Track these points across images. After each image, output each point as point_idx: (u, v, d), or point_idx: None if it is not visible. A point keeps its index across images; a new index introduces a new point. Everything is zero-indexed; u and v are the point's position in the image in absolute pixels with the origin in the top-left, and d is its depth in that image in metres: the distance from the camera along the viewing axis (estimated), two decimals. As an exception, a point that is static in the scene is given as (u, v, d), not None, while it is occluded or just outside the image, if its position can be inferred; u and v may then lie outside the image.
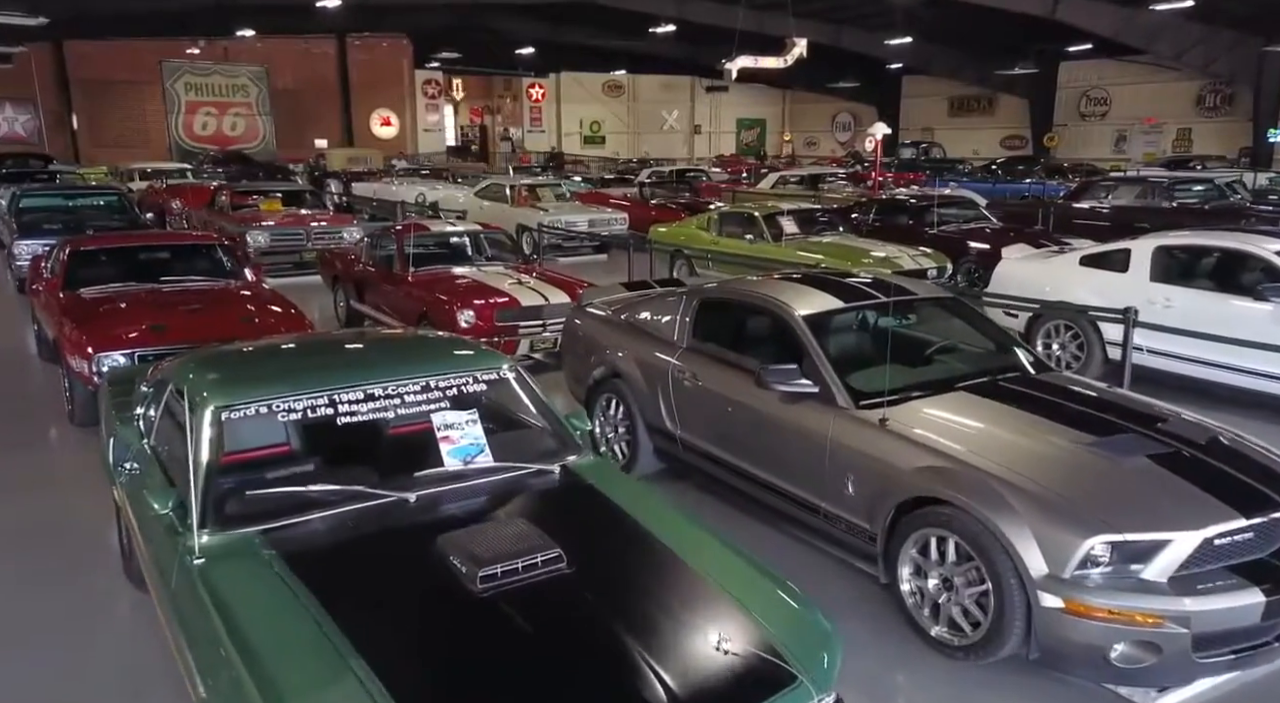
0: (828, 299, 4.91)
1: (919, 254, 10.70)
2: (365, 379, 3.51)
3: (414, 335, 4.49)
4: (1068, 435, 3.90)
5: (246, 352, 4.01)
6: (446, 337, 4.36)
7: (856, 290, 5.08)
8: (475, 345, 4.14)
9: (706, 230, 12.52)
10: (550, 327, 8.27)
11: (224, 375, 3.51)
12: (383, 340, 4.22)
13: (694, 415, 5.18)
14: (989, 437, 3.95)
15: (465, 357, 3.90)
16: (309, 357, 3.87)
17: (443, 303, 8.10)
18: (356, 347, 4.06)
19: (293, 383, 3.41)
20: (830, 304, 4.87)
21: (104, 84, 31.15)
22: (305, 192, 16.07)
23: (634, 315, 5.89)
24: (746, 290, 5.17)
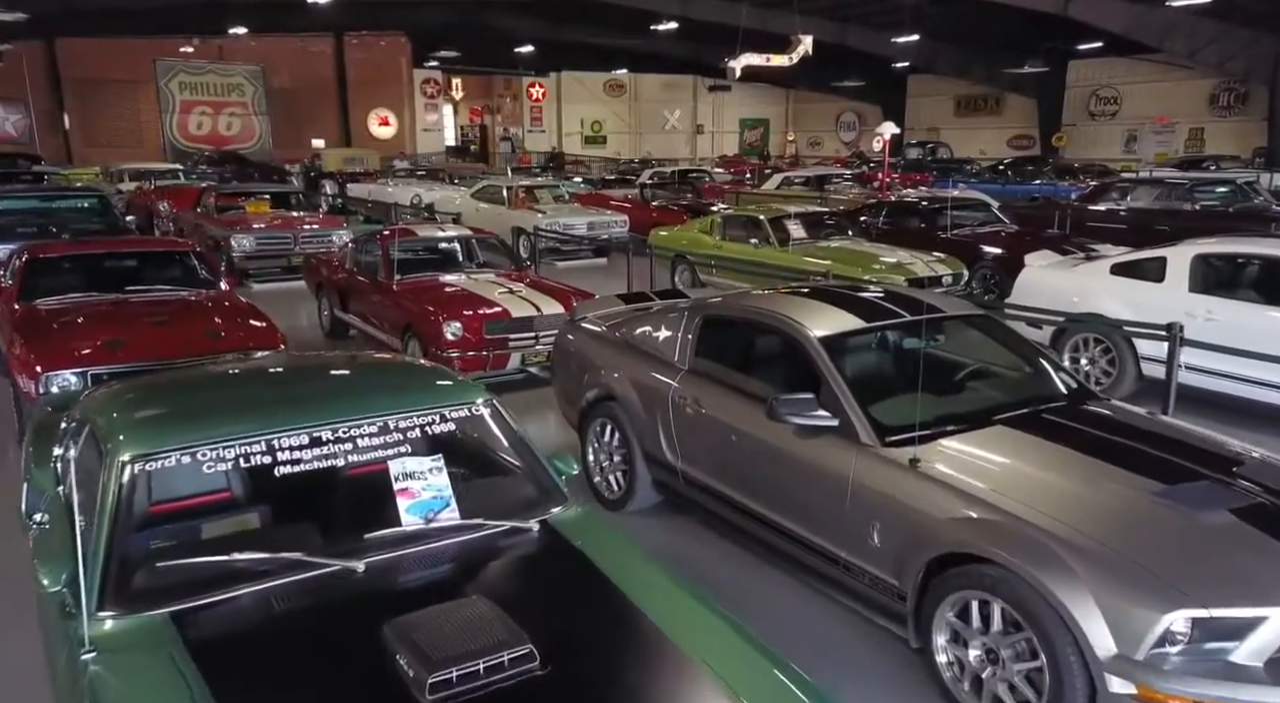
0: (846, 318, 4.38)
1: (933, 260, 10.16)
2: (311, 419, 2.99)
3: (374, 361, 3.94)
4: (1131, 482, 3.37)
5: (177, 383, 3.49)
6: (412, 363, 3.82)
7: (877, 307, 4.55)
8: (445, 374, 3.62)
9: (709, 234, 12.00)
10: (543, 339, 7.75)
11: (143, 416, 2.99)
12: (336, 368, 3.68)
13: (697, 446, 4.65)
14: (1038, 483, 3.42)
15: (432, 389, 3.37)
16: (248, 390, 3.33)
17: (428, 313, 7.59)
18: (305, 378, 3.51)
19: (225, 425, 2.89)
20: (849, 324, 4.34)
21: (97, 83, 30.65)
22: (295, 193, 15.53)
23: (631, 332, 5.36)
24: (755, 307, 4.64)
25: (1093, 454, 3.56)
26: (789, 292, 5.19)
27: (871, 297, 4.77)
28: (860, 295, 4.80)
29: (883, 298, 4.74)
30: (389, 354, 4.25)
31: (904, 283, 9.66)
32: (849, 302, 4.62)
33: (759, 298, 4.96)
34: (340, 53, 35.37)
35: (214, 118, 33.01)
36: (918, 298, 4.73)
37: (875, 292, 5.02)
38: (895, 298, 4.72)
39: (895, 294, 4.88)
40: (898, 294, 4.89)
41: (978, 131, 36.62)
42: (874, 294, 4.87)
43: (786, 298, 4.80)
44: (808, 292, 5.13)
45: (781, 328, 4.38)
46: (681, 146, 45.43)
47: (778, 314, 4.46)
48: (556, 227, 15.30)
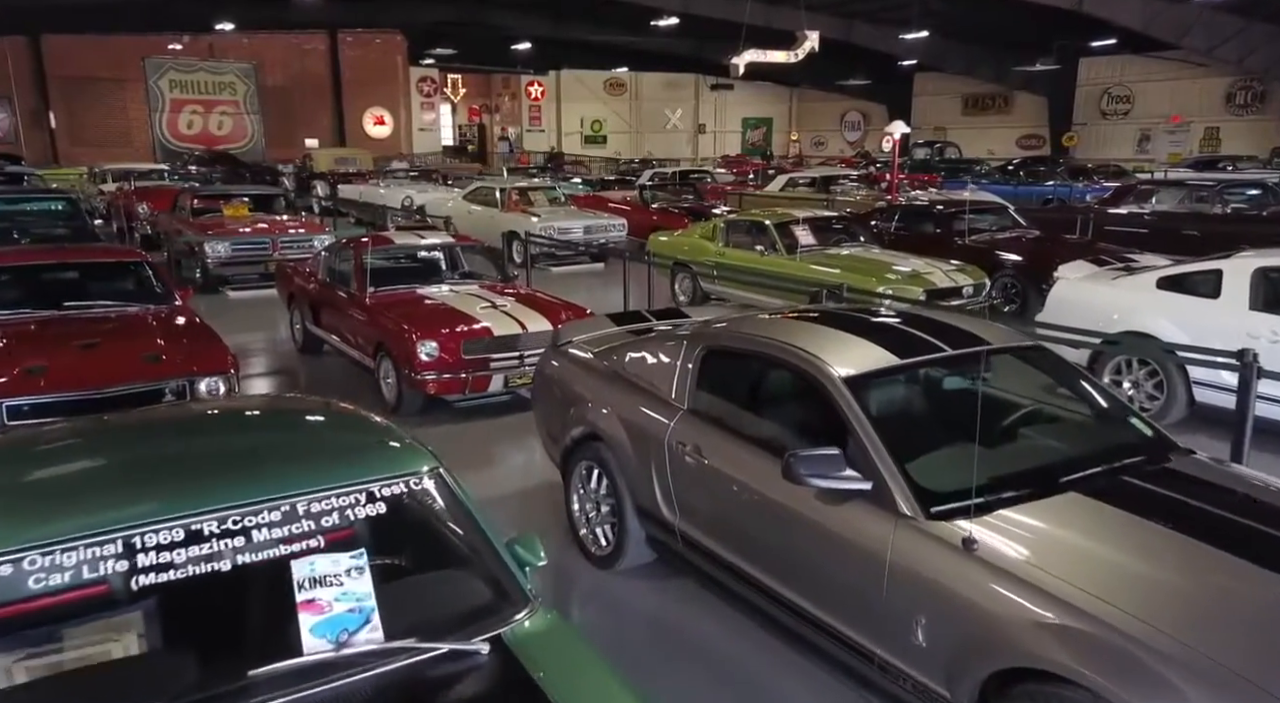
0: (874, 352, 3.66)
1: (953, 269, 9.44)
2: (190, 504, 2.28)
3: (289, 415, 3.19)
4: (1251, 576, 2.65)
5: (16, 448, 2.76)
6: (340, 416, 3.08)
7: (909, 337, 3.82)
8: (380, 431, 2.89)
9: (712, 240, 11.27)
10: (528, 359, 7.02)
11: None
12: (238, 428, 2.93)
13: (698, 502, 3.94)
14: (1133, 575, 2.70)
15: (361, 455, 2.66)
16: (108, 464, 2.59)
17: (402, 331, 6.88)
18: (191, 442, 2.74)
19: (64, 519, 2.17)
20: (879, 360, 3.61)
21: (84, 81, 29.91)
22: (277, 196, 14.81)
23: (622, 361, 4.64)
24: (765, 338, 3.91)
25: (1196, 535, 2.83)
26: (803, 316, 4.46)
27: (900, 323, 4.04)
28: (887, 322, 4.08)
29: (913, 324, 4.01)
30: (315, 401, 3.43)
31: (922, 294, 8.96)
32: (875, 330, 3.91)
33: (769, 325, 4.23)
34: (335, 50, 34.62)
35: (205, 117, 32.25)
36: (955, 325, 4.01)
37: (903, 316, 4.29)
38: (927, 325, 4.00)
39: (927, 320, 4.15)
40: (930, 320, 4.16)
41: (986, 131, 35.85)
42: (902, 320, 4.14)
43: (802, 326, 4.07)
44: (824, 315, 4.41)
45: (798, 364, 3.65)
46: (683, 146, 44.69)
47: (792, 347, 3.73)
48: (551, 231, 14.60)
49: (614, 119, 45.09)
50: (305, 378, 8.57)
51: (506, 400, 7.38)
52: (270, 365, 8.98)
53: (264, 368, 8.87)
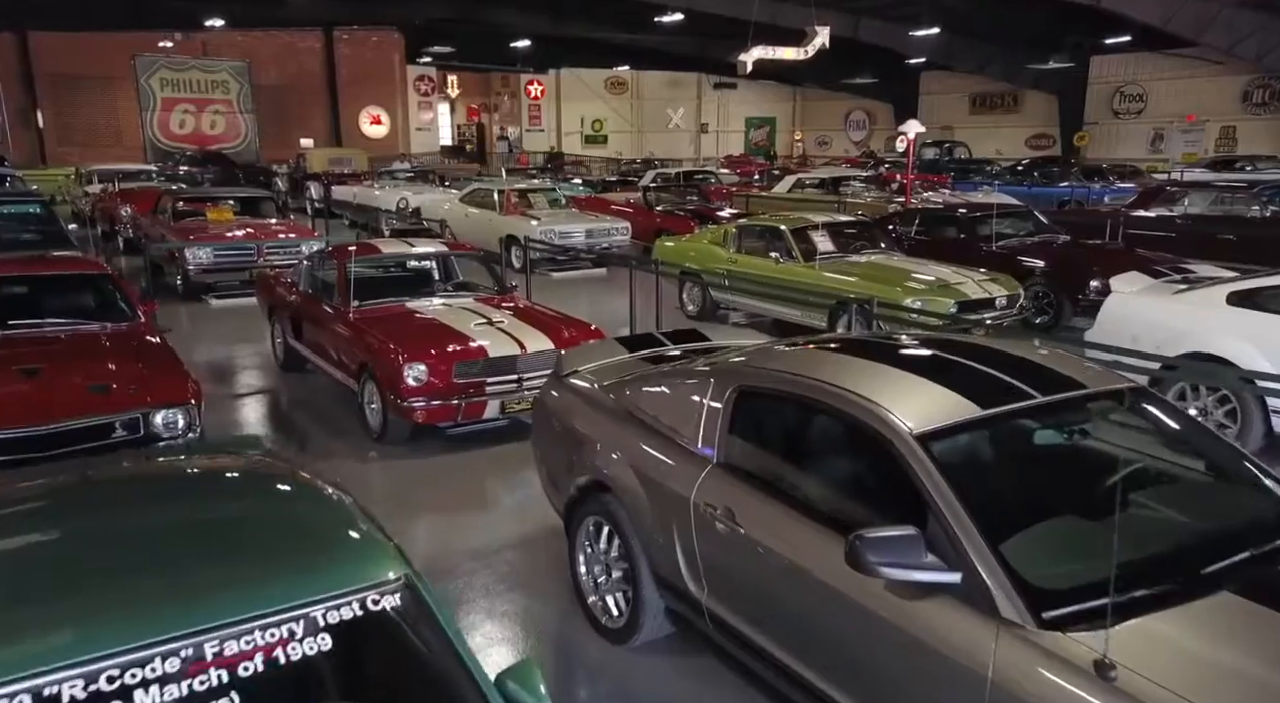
0: (945, 396, 2.99)
1: (985, 279, 8.76)
2: (62, 652, 1.61)
3: (206, 494, 2.51)
4: None
5: None
6: (279, 490, 2.41)
7: (979, 376, 3.14)
8: (330, 514, 2.23)
9: (722, 246, 10.59)
10: (527, 382, 6.38)
11: None
12: (135, 518, 2.24)
13: (731, 579, 3.27)
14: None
15: (302, 562, 1.99)
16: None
17: (388, 351, 6.21)
18: (69, 543, 2.05)
19: None
20: (956, 409, 2.93)
21: (73, 79, 29.16)
22: (264, 198, 14.13)
23: (636, 399, 3.97)
24: (811, 379, 3.23)
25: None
26: (846, 346, 3.80)
27: (963, 357, 3.35)
28: (947, 356, 3.39)
29: (979, 358, 3.33)
30: (255, 464, 2.74)
31: (952, 307, 8.30)
32: (937, 367, 3.24)
33: (812, 360, 3.55)
34: (330, 48, 33.90)
35: (197, 116, 31.51)
36: (1031, 359, 3.34)
37: (961, 347, 3.62)
38: (996, 359, 3.32)
39: (993, 352, 3.47)
40: (996, 353, 3.47)
41: (994, 131, 35.12)
42: (964, 352, 3.46)
43: (850, 362, 3.39)
44: (872, 346, 3.74)
45: (854, 414, 2.98)
46: (685, 146, 43.97)
47: (846, 392, 3.06)
48: (552, 235, 13.95)
49: (615, 119, 44.39)
50: (285, 400, 7.89)
51: (504, 425, 6.73)
52: (247, 385, 8.30)
53: (239, 388, 8.20)
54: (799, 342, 4.12)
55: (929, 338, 3.99)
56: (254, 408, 7.68)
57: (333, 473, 6.20)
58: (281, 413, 7.57)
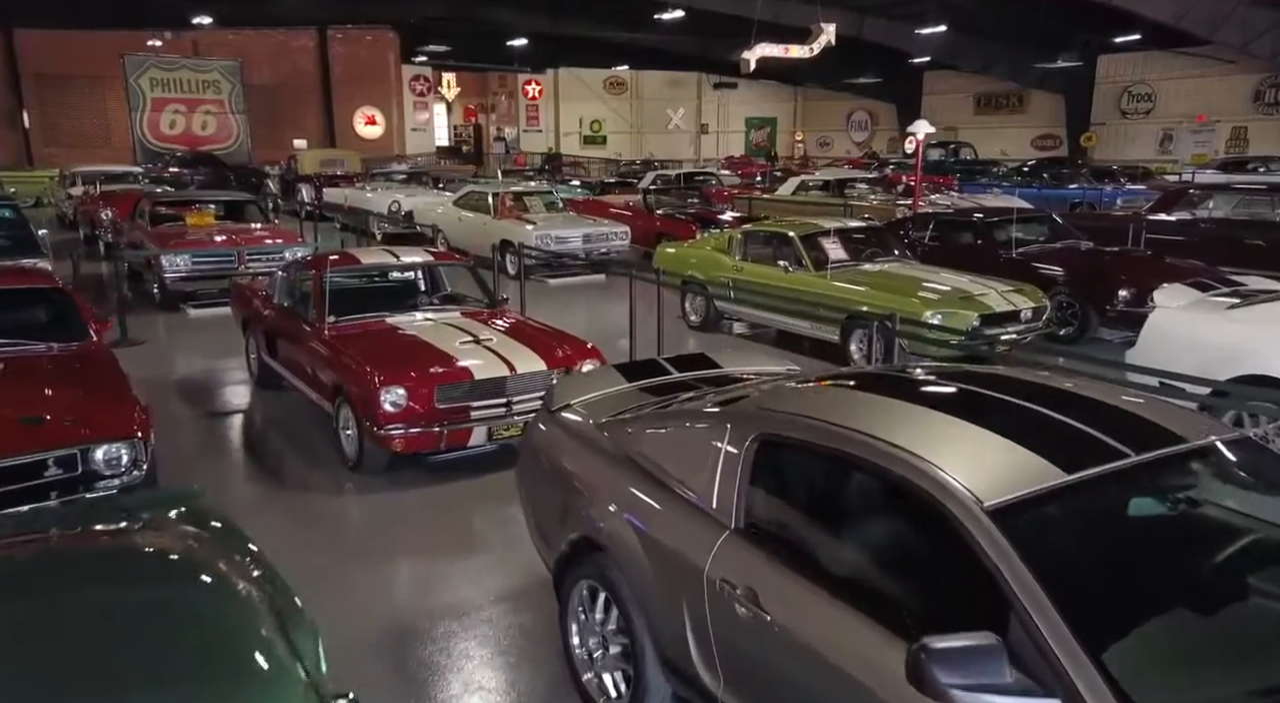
0: (1017, 456, 2.44)
1: (1009, 290, 8.21)
2: None
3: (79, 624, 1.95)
4: None
5: None
6: (183, 584, 1.86)
7: (1053, 426, 2.60)
8: (248, 626, 1.68)
9: (727, 253, 10.03)
10: (517, 406, 5.83)
11: None
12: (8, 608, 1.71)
13: (754, 674, 2.71)
14: None
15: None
16: None
17: (364, 373, 5.64)
18: None
19: None
20: (1034, 473, 2.37)
21: (61, 79, 28.53)
22: (248, 202, 13.56)
23: (638, 442, 3.41)
24: (849, 431, 2.66)
25: None
26: (887, 384, 3.25)
27: (1028, 400, 2.79)
28: (1009, 399, 2.83)
29: (1044, 400, 2.78)
30: (164, 541, 2.20)
31: (975, 320, 7.74)
32: (1000, 413, 2.71)
33: (845, 403, 3.00)
34: (324, 48, 33.30)
35: (188, 116, 30.87)
36: (1107, 402, 2.80)
37: (1021, 386, 3.07)
38: (1064, 401, 2.79)
39: (1060, 393, 2.93)
40: (1062, 393, 2.93)
41: (999, 131, 34.56)
42: (1024, 392, 2.91)
43: (895, 408, 2.84)
44: (916, 385, 3.20)
45: (906, 477, 2.42)
46: (685, 147, 43.40)
47: (893, 449, 2.50)
48: (548, 240, 13.40)
49: (614, 119, 43.81)
50: (258, 420, 7.33)
51: (492, 451, 6.16)
52: (219, 403, 7.73)
53: (211, 406, 7.63)
54: (823, 376, 3.57)
55: (973, 372, 3.41)
56: (223, 430, 7.11)
57: (304, 508, 5.70)
58: (253, 436, 7.00)
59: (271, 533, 5.17)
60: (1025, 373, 3.53)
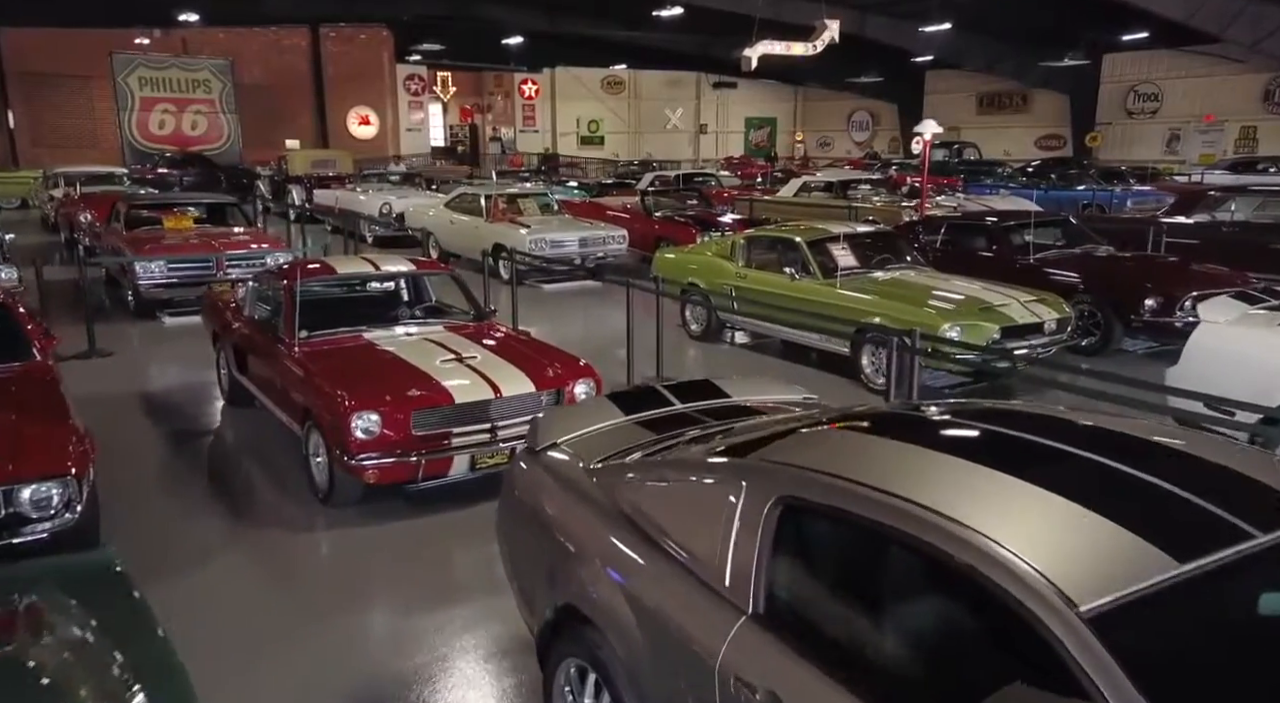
0: (1114, 538, 1.93)
1: (1032, 300, 7.70)
2: None
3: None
4: None
5: None
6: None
7: (1153, 496, 2.09)
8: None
9: (729, 259, 9.51)
10: (503, 432, 5.32)
11: None
12: None
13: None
14: None
15: None
16: None
17: (334, 397, 5.12)
18: None
19: None
20: (1141, 562, 1.87)
21: (47, 77, 27.96)
22: (230, 204, 13.04)
23: (636, 495, 2.90)
24: (892, 500, 2.15)
25: None
26: (923, 431, 2.75)
27: (1104, 455, 2.28)
28: (1084, 453, 2.33)
29: (1128, 452, 2.29)
30: (43, 642, 1.67)
31: (996, 332, 7.24)
32: (1075, 474, 2.20)
33: (883, 457, 2.48)
34: (316, 46, 32.77)
35: (177, 116, 30.31)
36: (1212, 459, 2.29)
37: (1102, 436, 2.56)
38: (1158, 458, 2.29)
39: (1147, 446, 2.42)
40: (1150, 445, 2.43)
41: (1003, 131, 34.08)
42: (1099, 445, 2.40)
43: (943, 466, 2.33)
44: (954, 420, 2.69)
45: (972, 565, 1.91)
46: (684, 147, 42.91)
47: (951, 525, 2.00)
48: (543, 244, 12.91)
49: (612, 119, 43.31)
50: (226, 443, 6.81)
51: (475, 478, 5.64)
52: (185, 422, 7.18)
53: (176, 425, 7.09)
54: (851, 415, 3.06)
55: (1028, 414, 2.89)
56: (187, 454, 6.55)
57: (268, 548, 5.16)
58: (218, 461, 6.47)
59: (229, 580, 4.66)
60: (1081, 413, 3.01)
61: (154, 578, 4.46)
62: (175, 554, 4.83)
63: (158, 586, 4.37)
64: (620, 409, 3.71)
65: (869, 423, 2.87)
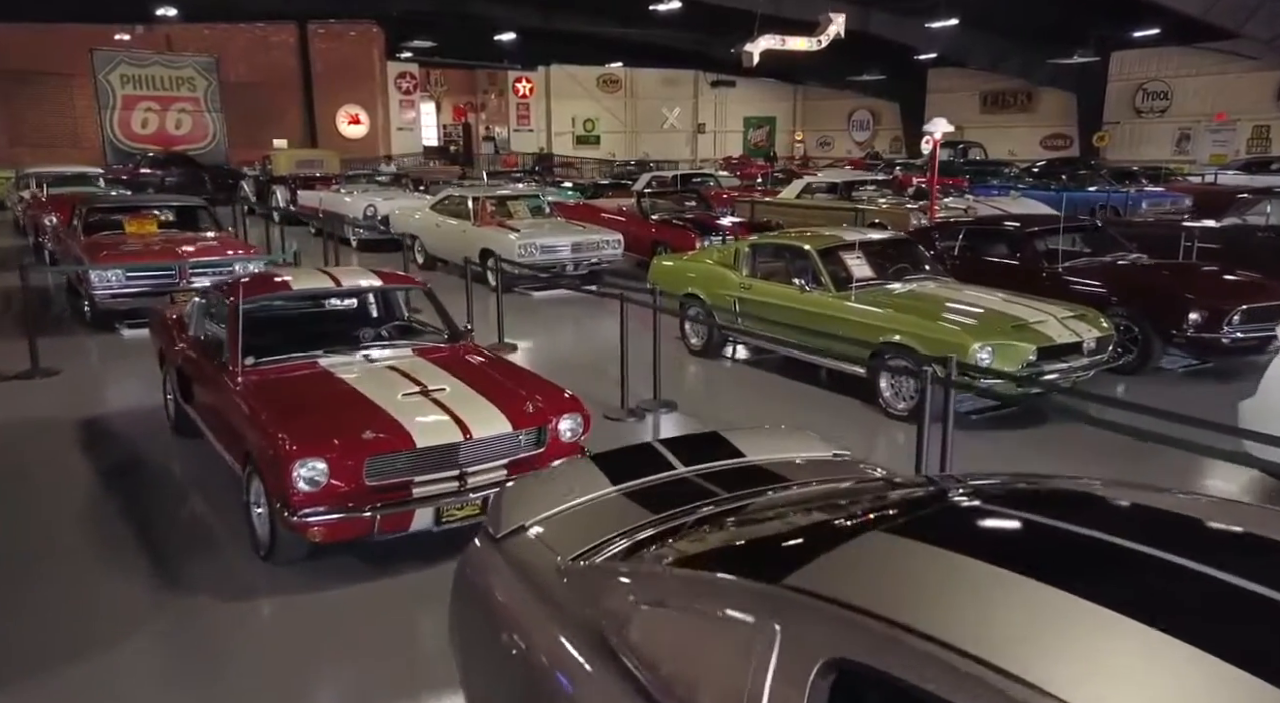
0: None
1: (1070, 316, 6.95)
2: None
3: None
4: None
5: None
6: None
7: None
8: None
9: (733, 268, 8.76)
10: (474, 478, 4.57)
11: None
12: None
13: None
14: None
15: None
16: None
17: (274, 439, 4.36)
18: None
19: None
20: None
21: (25, 75, 27.08)
22: (199, 208, 12.26)
23: (626, 624, 2.14)
24: (993, 676, 1.40)
25: None
26: (1000, 534, 2.01)
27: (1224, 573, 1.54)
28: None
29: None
30: None
31: (1032, 354, 6.50)
32: (1193, 597, 1.46)
33: (991, 592, 1.73)
34: (304, 43, 31.94)
35: (161, 115, 29.48)
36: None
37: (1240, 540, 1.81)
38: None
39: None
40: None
41: (1007, 130, 33.37)
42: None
43: (1037, 601, 1.58)
44: (1041, 500, 1.95)
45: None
46: (681, 147, 42.15)
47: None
48: (533, 249, 12.15)
49: (608, 118, 42.54)
50: (166, 480, 6.01)
51: (442, 532, 4.88)
52: (119, 458, 6.37)
53: (113, 456, 6.32)
54: (907, 507, 2.31)
55: (1126, 504, 2.13)
56: (117, 496, 5.69)
57: (194, 621, 4.07)
58: (153, 504, 5.61)
59: (140, 669, 3.82)
60: (1175, 496, 2.23)
61: (37, 669, 3.71)
62: (76, 630, 4.06)
63: (34, 682, 3.63)
64: (606, 475, 2.96)
65: (932, 523, 2.12)
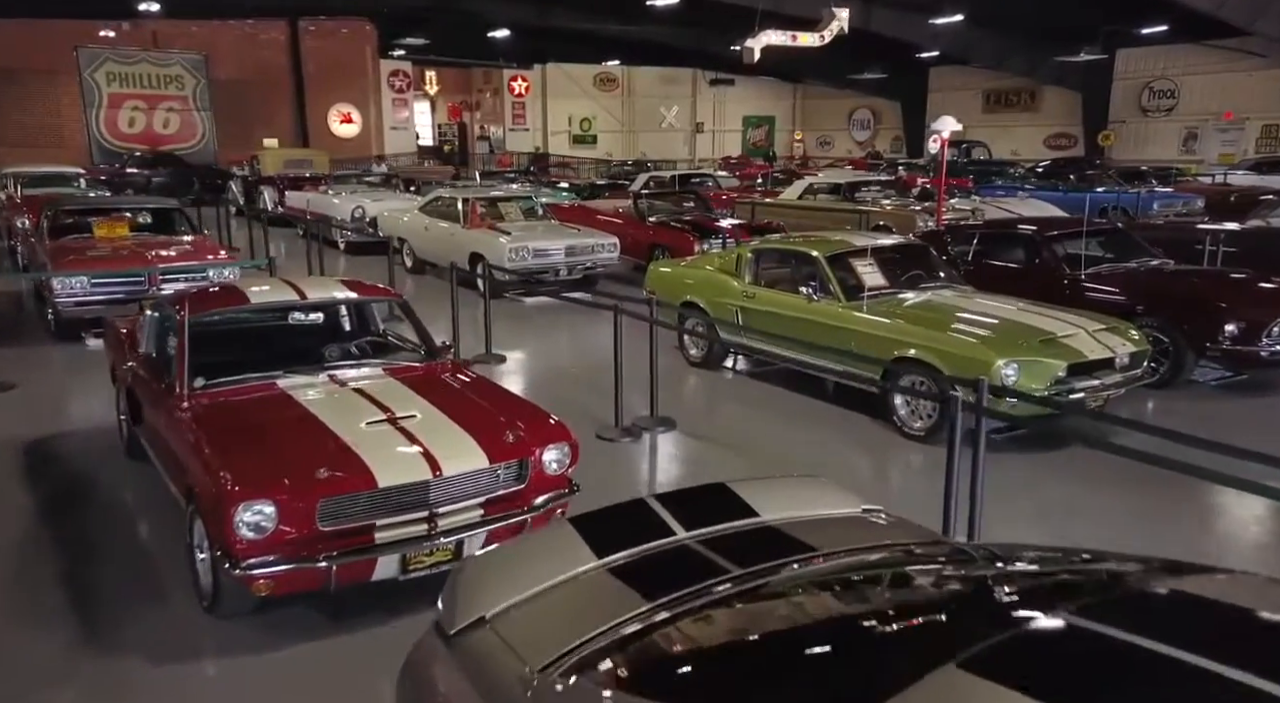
0: None
1: (1101, 329, 6.42)
2: None
3: None
4: None
5: None
6: None
7: None
8: None
9: (734, 275, 8.22)
10: (445, 520, 4.03)
11: None
12: None
13: None
14: None
15: None
16: None
17: (216, 478, 3.81)
18: None
19: None
20: None
21: (10, 73, 26.42)
22: (173, 210, 11.70)
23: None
24: None
25: None
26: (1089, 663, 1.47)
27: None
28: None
29: None
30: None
31: (1062, 370, 5.97)
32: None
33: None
34: (295, 41, 31.35)
35: (148, 114, 28.87)
36: None
37: None
38: None
39: None
40: None
41: (1010, 129, 32.84)
42: None
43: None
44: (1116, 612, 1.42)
45: None
46: (679, 147, 41.60)
47: None
48: (524, 253, 11.62)
49: (605, 117, 41.98)
50: (112, 510, 5.45)
51: (411, 578, 4.33)
52: (64, 485, 5.82)
53: (51, 489, 5.76)
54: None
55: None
56: (54, 528, 5.16)
57: (119, 688, 3.07)
58: (93, 540, 5.05)
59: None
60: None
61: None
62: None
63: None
64: (589, 545, 2.42)
65: (1017, 655, 1.58)
